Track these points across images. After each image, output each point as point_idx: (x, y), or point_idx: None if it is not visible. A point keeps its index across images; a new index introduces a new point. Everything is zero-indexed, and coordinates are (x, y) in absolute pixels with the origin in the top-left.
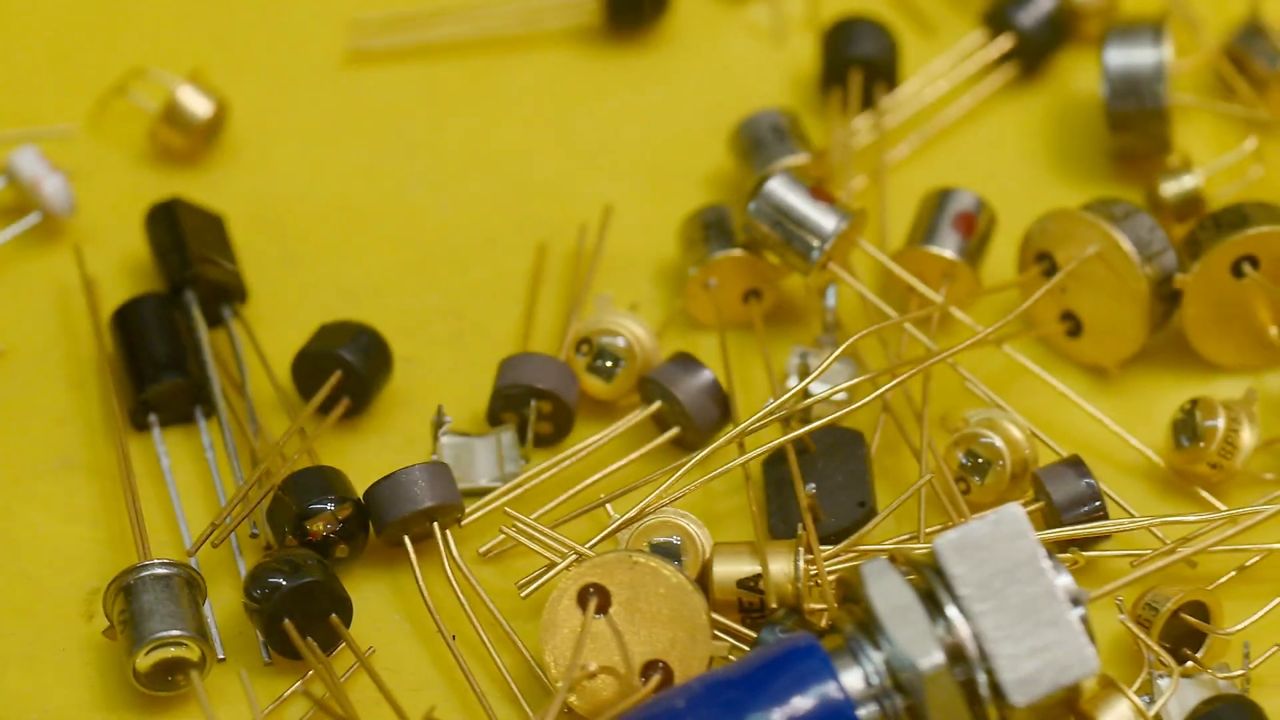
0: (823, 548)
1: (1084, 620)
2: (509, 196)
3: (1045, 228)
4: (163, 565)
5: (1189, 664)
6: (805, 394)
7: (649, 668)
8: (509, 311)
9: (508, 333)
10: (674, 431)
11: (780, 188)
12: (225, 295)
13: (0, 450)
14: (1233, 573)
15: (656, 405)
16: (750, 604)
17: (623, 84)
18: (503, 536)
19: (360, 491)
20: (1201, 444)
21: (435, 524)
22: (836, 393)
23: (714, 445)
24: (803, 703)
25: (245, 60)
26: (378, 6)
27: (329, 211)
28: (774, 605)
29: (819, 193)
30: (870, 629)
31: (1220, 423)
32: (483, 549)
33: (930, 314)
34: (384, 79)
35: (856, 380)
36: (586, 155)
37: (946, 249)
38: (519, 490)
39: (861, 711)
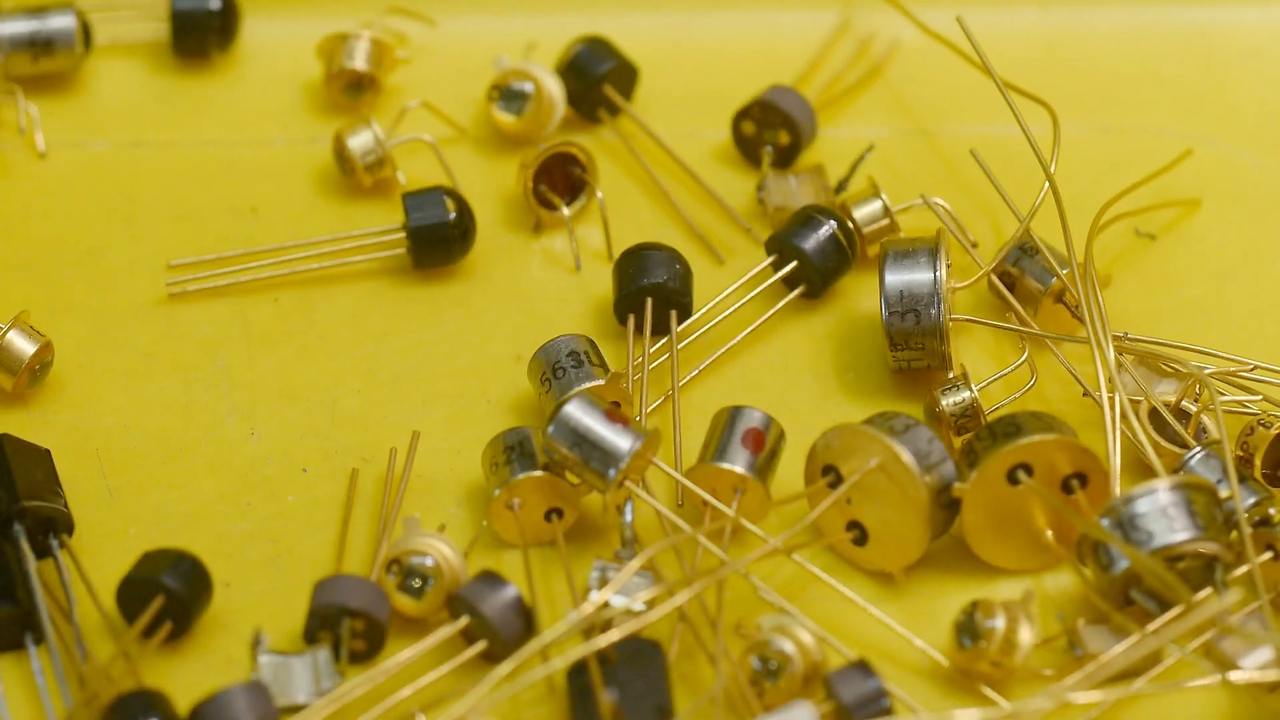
0: None
1: None
2: (320, 425)
3: (830, 442)
4: None
5: None
6: (605, 606)
7: None
8: (322, 535)
9: (321, 555)
10: (481, 645)
11: (577, 411)
12: (53, 527)
13: None
14: None
15: (464, 621)
16: None
17: (429, 315)
18: None
19: (184, 712)
20: (983, 643)
21: None
22: (635, 604)
23: (519, 657)
24: None
25: (70, 302)
26: (193, 251)
27: (149, 444)
28: None
29: (615, 415)
30: None
31: (1000, 623)
32: None
33: (723, 526)
34: (199, 316)
35: (654, 591)
36: (395, 384)
37: (737, 465)
38: (334, 705)
39: None
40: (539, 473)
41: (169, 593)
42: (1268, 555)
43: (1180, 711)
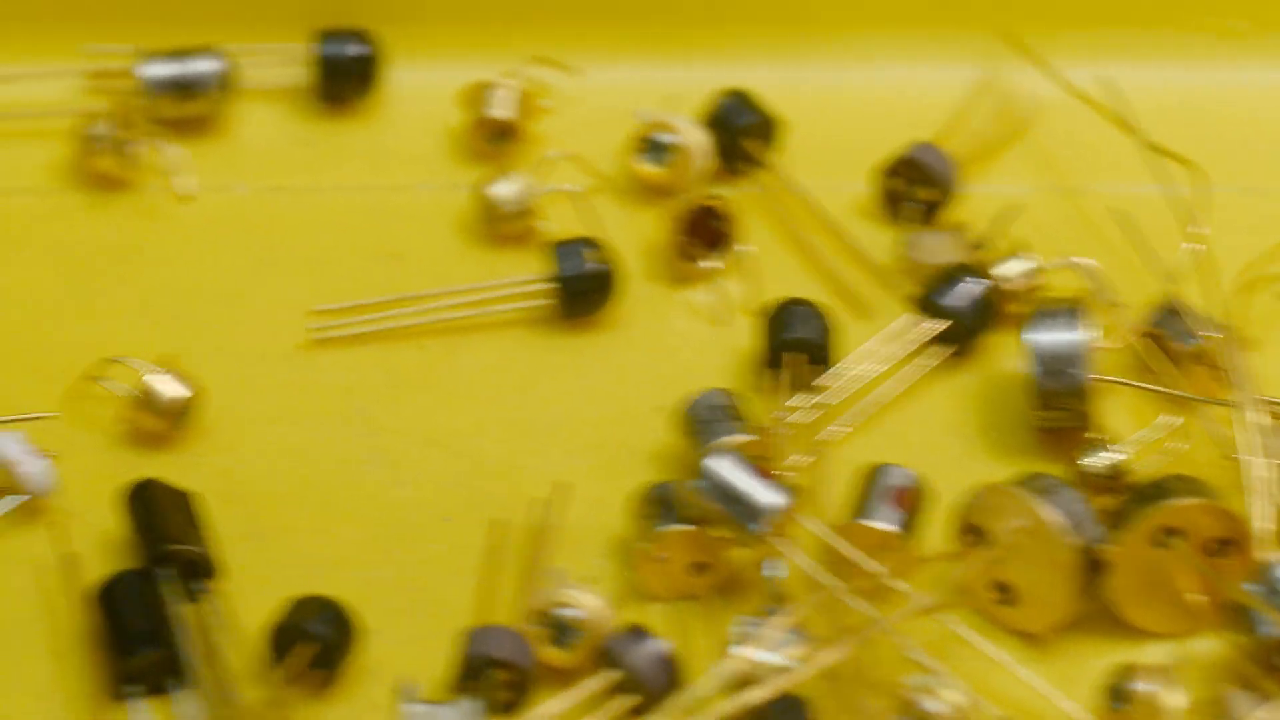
0: None
1: None
2: (464, 474)
3: (977, 502)
4: None
5: None
6: (752, 662)
7: None
8: (466, 584)
9: (465, 604)
10: (628, 699)
11: (724, 465)
12: (199, 571)
13: None
14: None
15: (610, 674)
16: None
17: (572, 365)
18: None
19: None
20: (1130, 707)
21: None
22: (781, 660)
23: (666, 712)
24: None
25: (214, 347)
26: (337, 296)
27: (294, 489)
28: None
29: (761, 470)
30: None
31: (1149, 687)
32: None
33: (869, 584)
34: (344, 363)
35: (800, 648)
36: (538, 434)
37: (883, 522)
38: None
39: None
40: (685, 526)
41: (316, 639)
42: None
43: None
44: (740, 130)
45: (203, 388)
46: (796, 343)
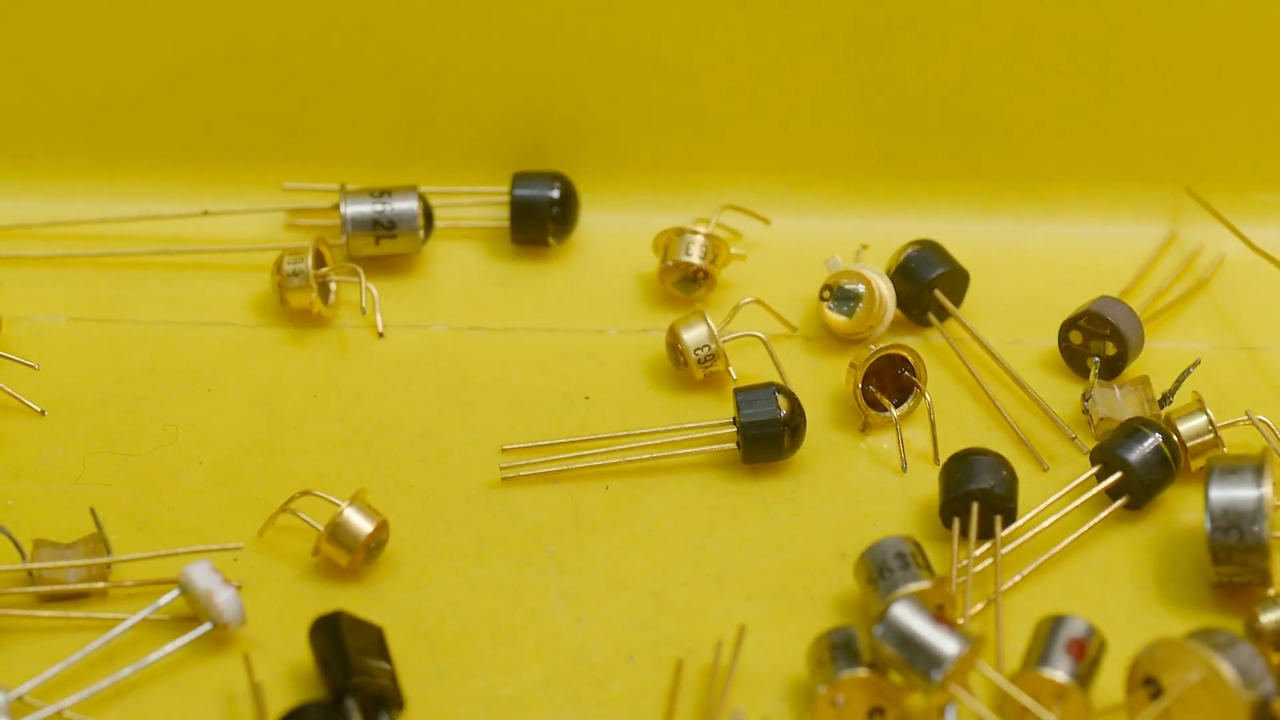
0: None
1: None
2: (647, 614)
3: (1152, 654)
4: None
5: None
6: None
7: None
8: None
9: None
10: None
11: (905, 613)
12: (384, 703)
13: None
14: None
15: None
16: None
17: (755, 509)
18: None
19: None
20: None
21: None
22: None
23: None
24: None
25: (404, 482)
26: (526, 436)
27: (479, 626)
28: None
29: (940, 618)
30: None
31: None
32: None
33: None
34: (532, 501)
35: None
36: (719, 576)
37: (1059, 673)
38: None
39: None
40: (863, 671)
41: None
42: None
43: None
44: (927, 280)
45: (392, 522)
46: (978, 493)
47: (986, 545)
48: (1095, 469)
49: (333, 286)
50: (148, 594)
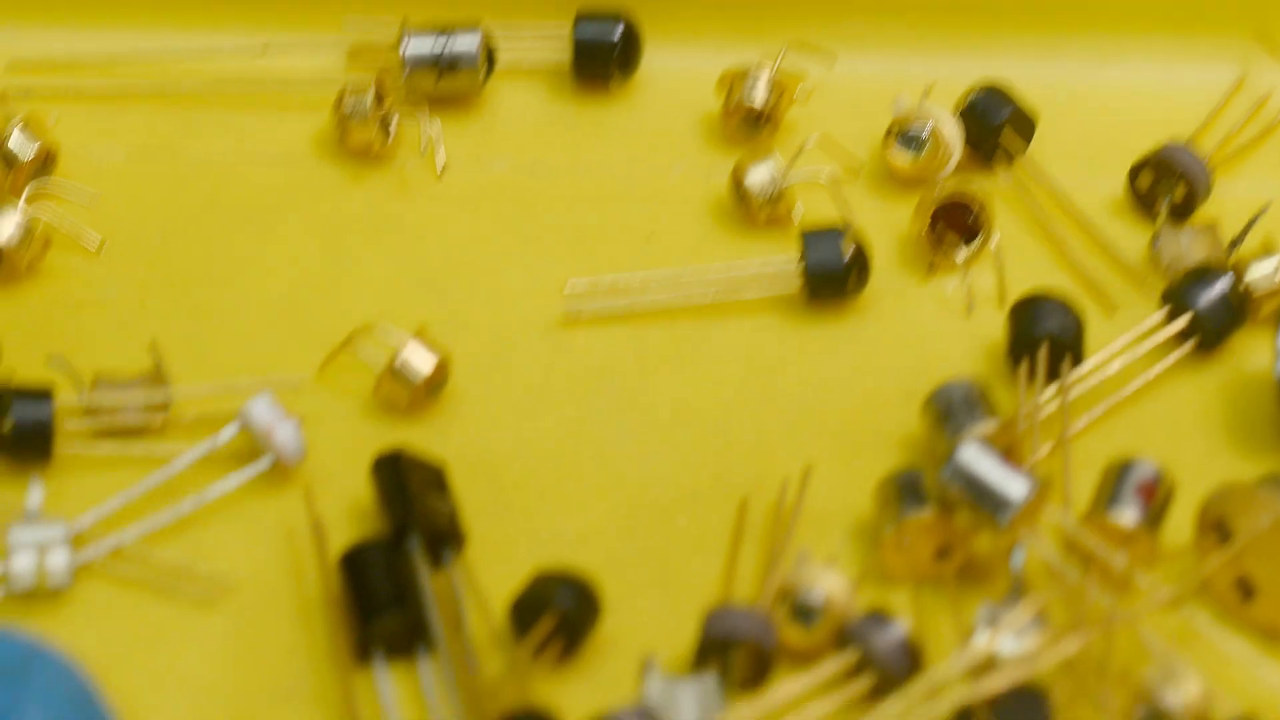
0: None
1: None
2: (711, 453)
3: (1221, 498)
4: None
5: None
6: (993, 650)
7: None
8: (710, 561)
9: (708, 581)
10: (867, 681)
11: (972, 455)
12: (445, 540)
13: (231, 681)
14: None
15: (850, 656)
16: None
17: (820, 350)
18: None
19: None
20: None
21: None
22: (1021, 649)
23: (907, 696)
24: None
25: (466, 320)
26: (589, 274)
27: (541, 463)
28: None
29: (1008, 461)
30: None
31: None
32: None
33: (1111, 577)
34: (595, 340)
35: (1041, 638)
36: (784, 416)
37: (1128, 516)
38: None
39: None
40: (930, 512)
41: (561, 613)
42: None
43: None
44: (995, 123)
45: (454, 360)
46: (1045, 336)
47: (1054, 388)
48: (1164, 311)
49: (393, 123)
50: (208, 429)
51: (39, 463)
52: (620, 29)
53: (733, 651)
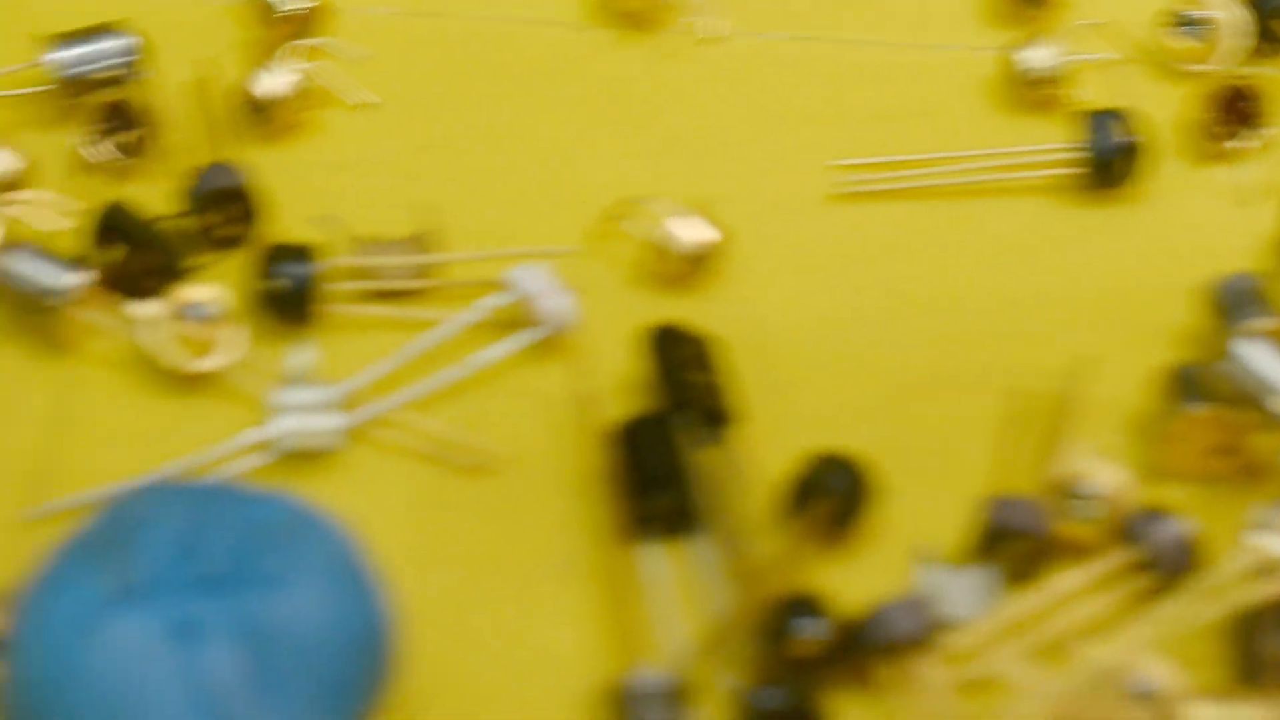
0: None
1: None
2: (983, 339)
3: None
4: (655, 674)
5: None
6: (1269, 552)
7: None
8: (981, 451)
9: (980, 471)
10: (1146, 579)
11: (1253, 350)
12: (716, 417)
13: (503, 553)
14: None
15: (1128, 553)
16: None
17: (1094, 237)
18: None
19: (842, 617)
20: None
21: (915, 655)
22: None
23: (1186, 596)
24: None
25: (735, 193)
26: (856, 151)
27: (810, 341)
28: None
29: None
30: None
31: None
32: None
33: None
34: (865, 218)
35: None
36: (1057, 304)
37: None
38: (993, 624)
39: None
40: (1209, 407)
41: (834, 496)
42: None
43: None
44: (1278, 10)
45: (723, 232)
46: None
47: None
48: None
49: None
50: (476, 295)
51: (306, 323)
52: None
53: (1008, 542)
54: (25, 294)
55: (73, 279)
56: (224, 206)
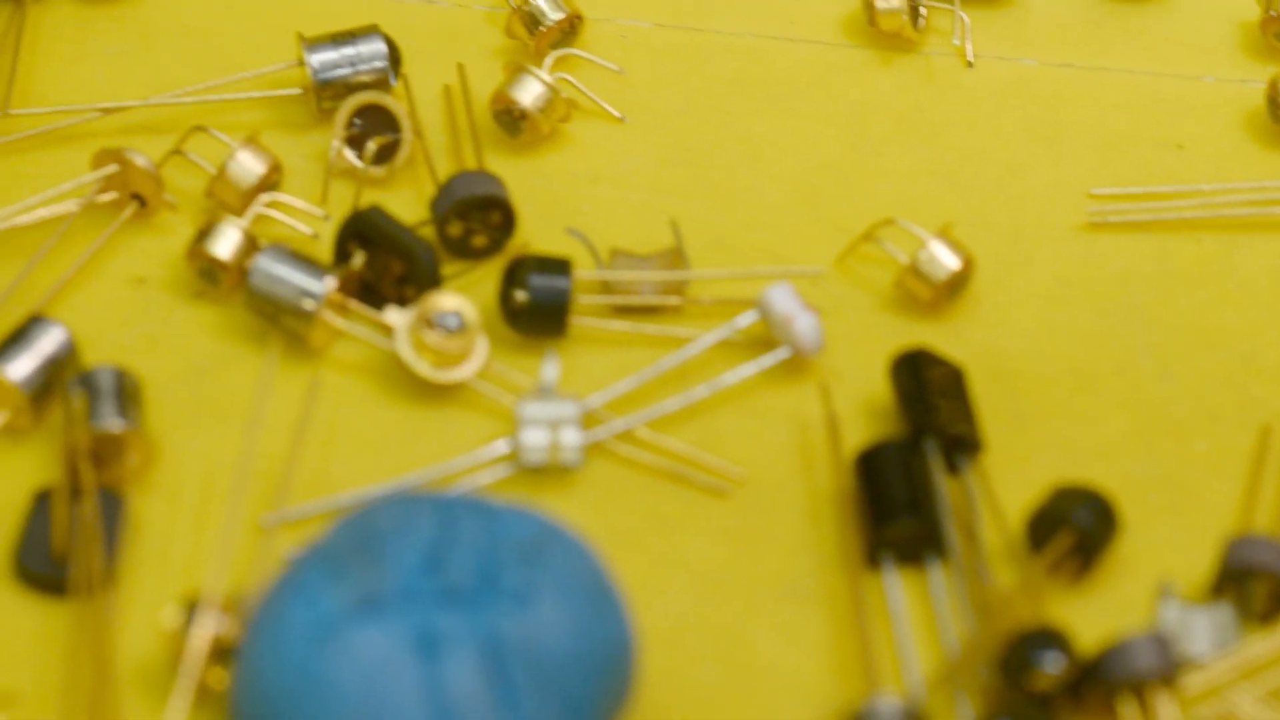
0: None
1: None
2: (1235, 374)
3: None
4: (894, 702)
5: None
6: None
7: None
8: (1230, 487)
9: (1228, 508)
10: None
11: None
12: (962, 445)
13: (739, 574)
14: None
15: None
16: None
17: None
18: None
19: (1081, 650)
20: None
21: (1153, 691)
22: None
23: None
24: None
25: (987, 218)
26: (1114, 180)
27: (1059, 372)
28: None
29: None
30: None
31: None
32: None
33: None
34: (1119, 249)
35: None
36: None
37: None
38: (1235, 663)
39: None
40: None
41: (1079, 530)
42: None
43: None
44: None
45: (975, 258)
46: None
47: None
48: None
49: (923, 11)
50: (724, 313)
51: (553, 337)
52: None
53: (1253, 582)
54: (275, 297)
55: (323, 284)
56: (478, 215)
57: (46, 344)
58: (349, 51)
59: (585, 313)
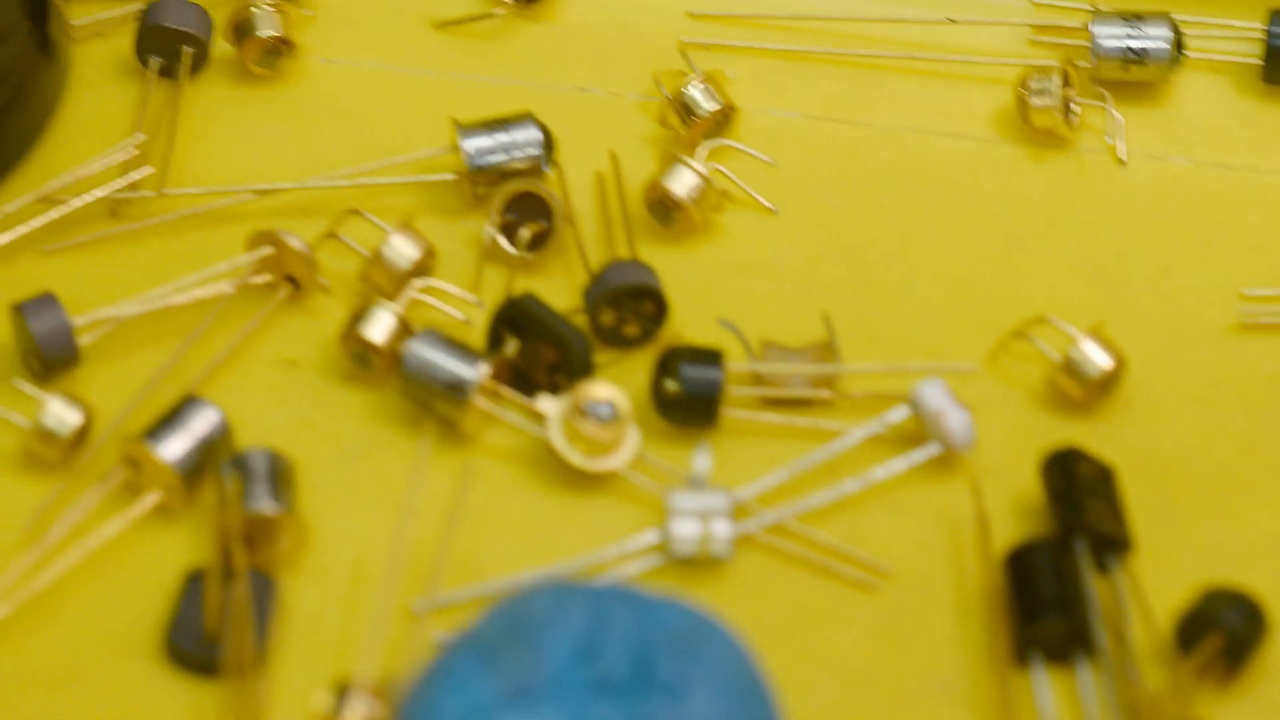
0: None
1: None
2: None
3: None
4: None
5: None
6: None
7: None
8: None
9: None
10: None
11: None
12: (1111, 545)
13: (886, 670)
14: None
15: None
16: None
17: None
18: None
19: None
20: None
21: None
22: None
23: None
24: None
25: (1139, 317)
26: (1268, 281)
27: (1210, 472)
28: None
29: None
30: None
31: None
32: None
33: None
34: (1269, 350)
35: None
36: None
37: None
38: None
39: None
40: None
41: (1229, 632)
42: None
43: None
44: None
45: (1126, 357)
46: None
47: None
48: None
49: (1076, 108)
50: (874, 408)
51: (704, 427)
52: None
53: None
54: (429, 382)
55: (476, 370)
56: (630, 304)
57: (200, 425)
58: (503, 138)
59: (736, 404)
